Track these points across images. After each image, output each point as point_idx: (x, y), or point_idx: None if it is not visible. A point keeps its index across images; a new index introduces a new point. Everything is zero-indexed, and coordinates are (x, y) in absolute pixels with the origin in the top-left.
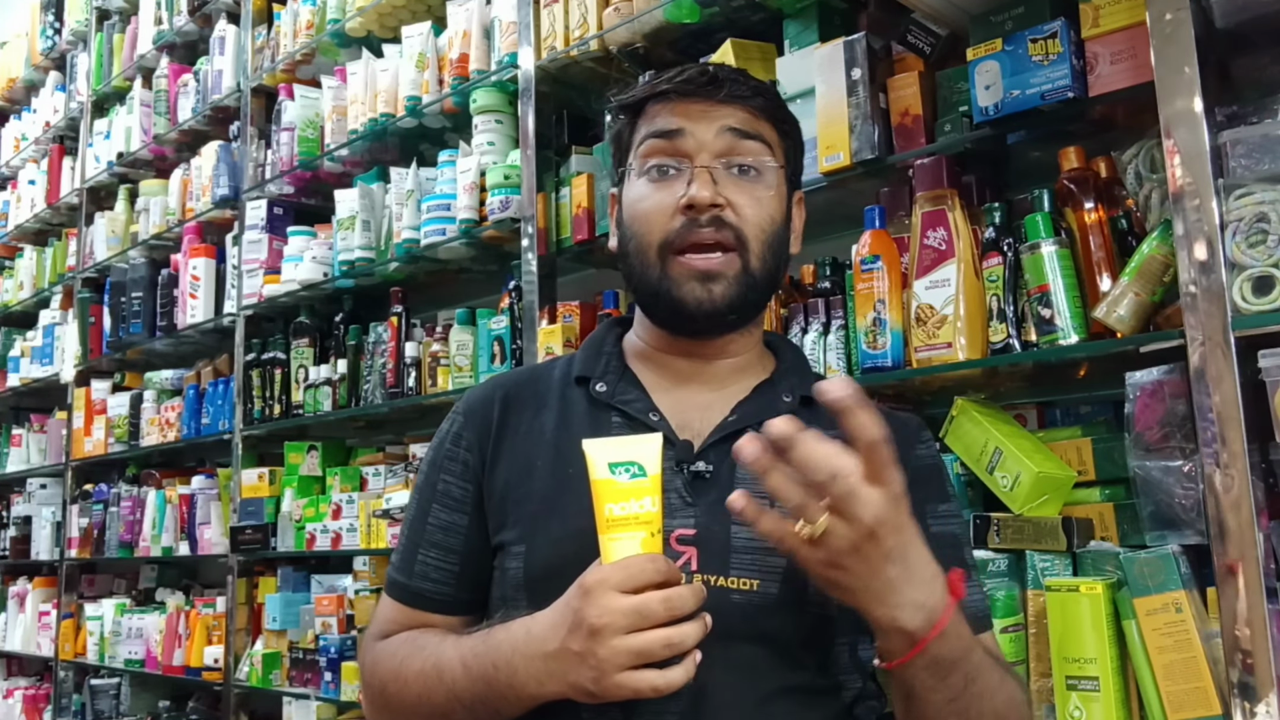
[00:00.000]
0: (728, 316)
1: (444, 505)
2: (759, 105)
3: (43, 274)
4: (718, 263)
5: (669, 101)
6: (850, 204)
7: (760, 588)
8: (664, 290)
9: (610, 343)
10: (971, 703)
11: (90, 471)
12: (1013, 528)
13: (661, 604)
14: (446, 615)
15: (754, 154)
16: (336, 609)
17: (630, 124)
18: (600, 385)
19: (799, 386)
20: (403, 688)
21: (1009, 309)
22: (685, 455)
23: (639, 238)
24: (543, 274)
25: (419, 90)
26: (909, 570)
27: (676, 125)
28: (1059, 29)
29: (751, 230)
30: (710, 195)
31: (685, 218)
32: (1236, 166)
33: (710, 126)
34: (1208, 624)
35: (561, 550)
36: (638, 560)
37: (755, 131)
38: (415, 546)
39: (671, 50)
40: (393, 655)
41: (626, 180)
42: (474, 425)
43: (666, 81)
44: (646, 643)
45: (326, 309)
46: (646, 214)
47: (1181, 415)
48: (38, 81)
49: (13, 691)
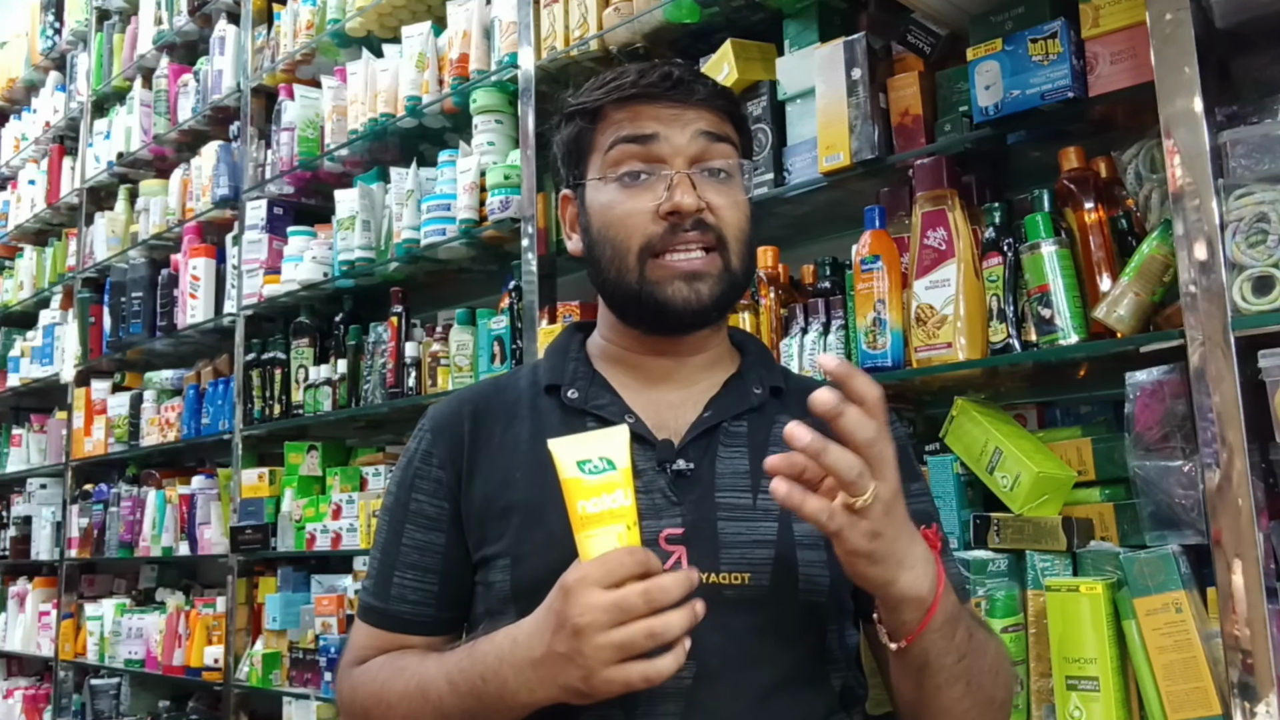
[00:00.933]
0: (712, 314)
1: (418, 525)
2: (722, 107)
3: (43, 274)
4: (701, 262)
5: (632, 105)
6: (850, 204)
7: (752, 580)
8: (646, 293)
9: (575, 348)
10: (974, 659)
11: (90, 471)
12: (1013, 528)
13: (641, 596)
14: (426, 636)
15: (725, 156)
16: (336, 609)
17: (589, 128)
18: (572, 392)
19: (766, 378)
20: (386, 711)
21: (1009, 309)
22: (666, 454)
23: (615, 243)
24: (543, 274)
25: (419, 90)
26: (912, 534)
27: (650, 130)
28: (1059, 29)
29: (731, 231)
30: (694, 201)
31: (668, 223)
32: (1236, 166)
33: (684, 131)
34: (1208, 624)
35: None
36: (615, 554)
37: (724, 134)
38: (390, 569)
39: (671, 50)
40: (373, 679)
41: (588, 185)
42: (443, 442)
43: (630, 86)
44: (629, 635)
45: (326, 309)
46: (623, 219)
47: (1181, 415)
48: (38, 81)
49: (13, 691)
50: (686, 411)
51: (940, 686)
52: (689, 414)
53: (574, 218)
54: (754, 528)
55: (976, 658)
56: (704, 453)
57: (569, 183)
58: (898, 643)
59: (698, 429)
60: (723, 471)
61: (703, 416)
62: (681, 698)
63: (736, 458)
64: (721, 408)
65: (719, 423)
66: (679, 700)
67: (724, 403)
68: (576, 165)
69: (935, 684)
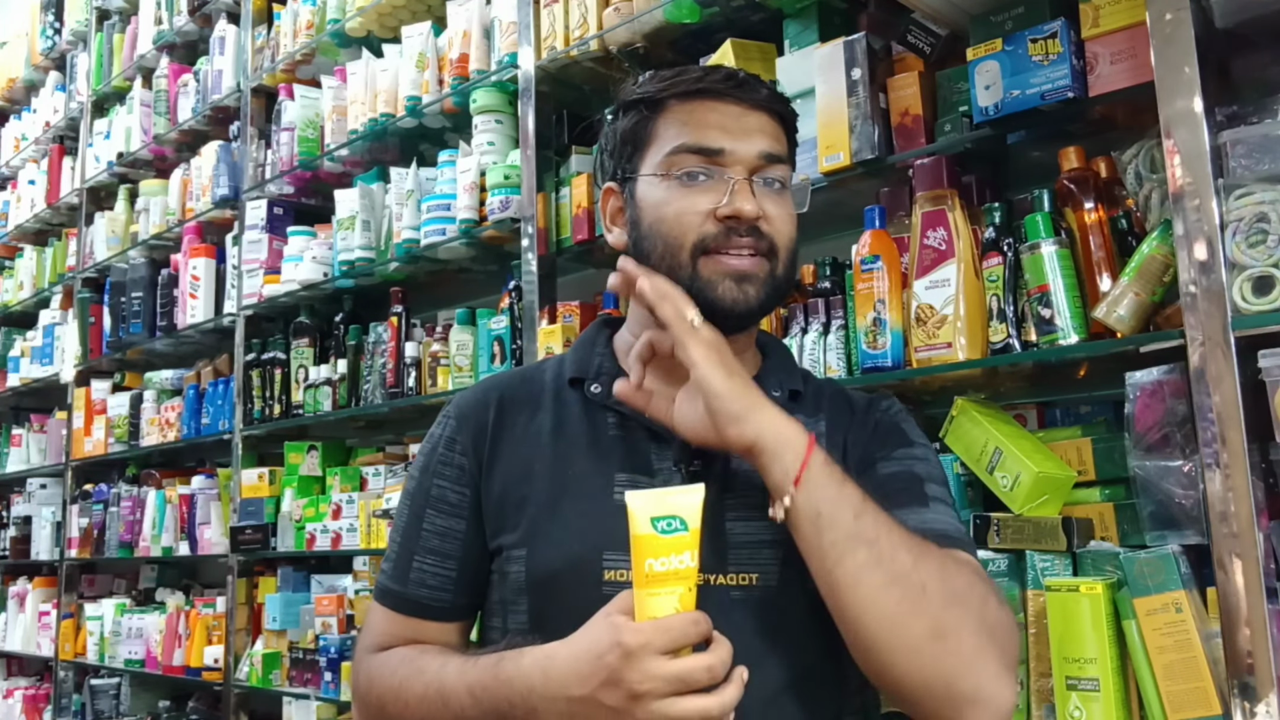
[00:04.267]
0: (757, 317)
1: (439, 510)
2: (781, 112)
3: (43, 274)
4: (750, 263)
5: (695, 101)
6: (850, 204)
7: (760, 581)
8: (697, 290)
9: (601, 343)
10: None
11: (90, 471)
12: (1013, 528)
13: (706, 673)
14: (443, 622)
15: (782, 170)
16: (336, 609)
17: (649, 117)
18: (595, 386)
19: (786, 381)
20: (403, 710)
21: (1009, 309)
22: (682, 454)
23: (668, 239)
24: (543, 274)
25: (419, 90)
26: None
27: (716, 144)
28: (1059, 29)
29: (782, 241)
30: (754, 209)
31: (724, 225)
32: (1236, 166)
33: (750, 146)
34: (1208, 624)
35: (562, 553)
36: (680, 623)
37: (783, 154)
38: (410, 553)
39: (671, 50)
40: (392, 674)
41: (640, 179)
42: (468, 429)
43: (695, 81)
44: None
45: (326, 309)
46: (678, 215)
47: (1181, 415)
48: (38, 81)
49: (13, 691)
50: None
51: (842, 551)
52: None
53: (616, 211)
54: (762, 528)
55: (885, 529)
56: (718, 453)
57: (617, 175)
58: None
59: None
60: (734, 471)
61: None
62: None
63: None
64: None
65: None
66: None
67: None
68: (630, 158)
69: (837, 550)
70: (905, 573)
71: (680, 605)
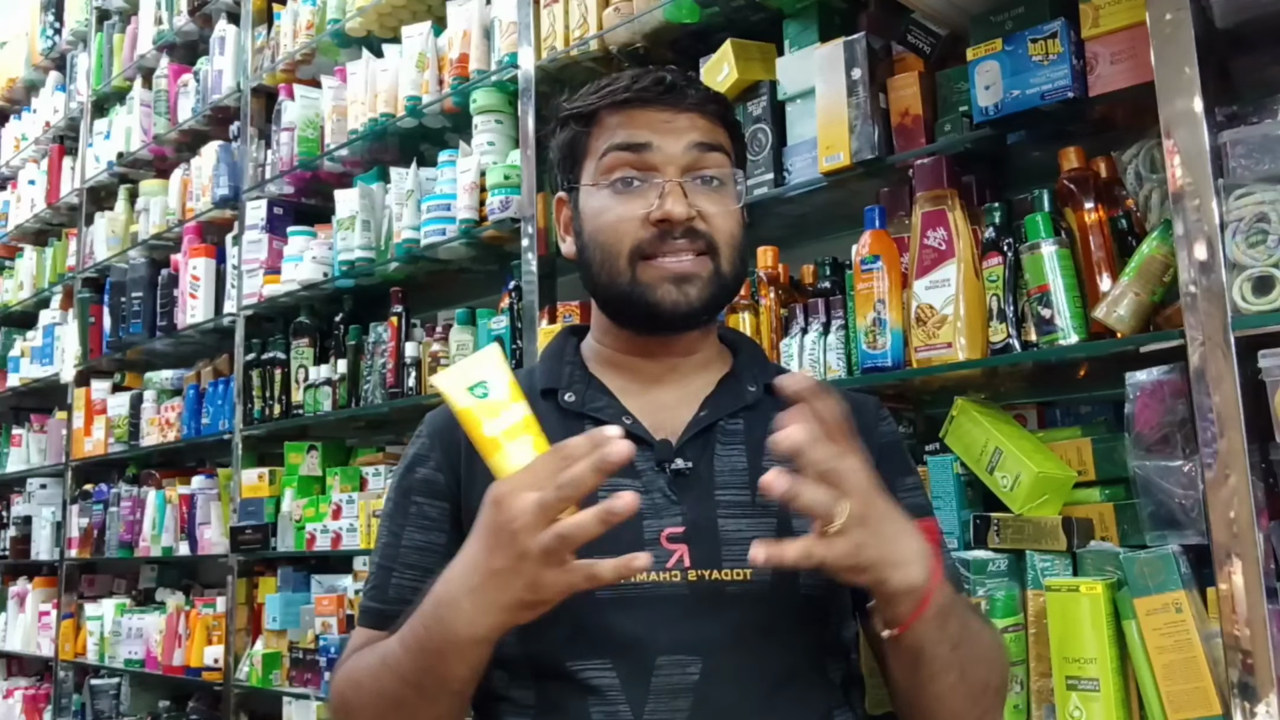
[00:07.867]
0: (701, 317)
1: (418, 526)
2: (715, 112)
3: (43, 274)
4: (690, 264)
5: (626, 110)
6: (850, 204)
7: (753, 577)
8: (637, 295)
9: (570, 352)
10: (967, 648)
11: (90, 471)
12: (1013, 528)
13: (572, 489)
14: None
15: (718, 165)
16: (336, 609)
17: (584, 132)
18: (569, 395)
19: (760, 376)
20: (356, 690)
21: (1009, 309)
22: (665, 454)
23: (606, 247)
24: (542, 274)
25: (419, 90)
26: (900, 526)
27: (643, 139)
28: (1059, 29)
29: (722, 237)
30: (685, 210)
31: (658, 230)
32: (1236, 166)
33: (677, 140)
34: (1208, 624)
35: None
36: (542, 460)
37: (717, 143)
38: (389, 571)
39: (671, 50)
40: (351, 669)
41: (582, 190)
42: (440, 445)
43: (624, 90)
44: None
45: (326, 309)
46: (614, 225)
47: (1181, 415)
48: (38, 81)
49: (13, 691)
50: (682, 411)
51: (934, 675)
52: (685, 414)
53: (568, 221)
54: (754, 524)
55: (970, 647)
56: (702, 451)
57: (564, 186)
58: (892, 631)
59: (695, 428)
60: (721, 469)
61: (699, 415)
62: (689, 693)
63: (734, 455)
64: (717, 406)
65: (715, 421)
66: (687, 696)
67: (719, 401)
68: (571, 170)
69: (929, 672)
70: (983, 683)
71: (536, 452)
